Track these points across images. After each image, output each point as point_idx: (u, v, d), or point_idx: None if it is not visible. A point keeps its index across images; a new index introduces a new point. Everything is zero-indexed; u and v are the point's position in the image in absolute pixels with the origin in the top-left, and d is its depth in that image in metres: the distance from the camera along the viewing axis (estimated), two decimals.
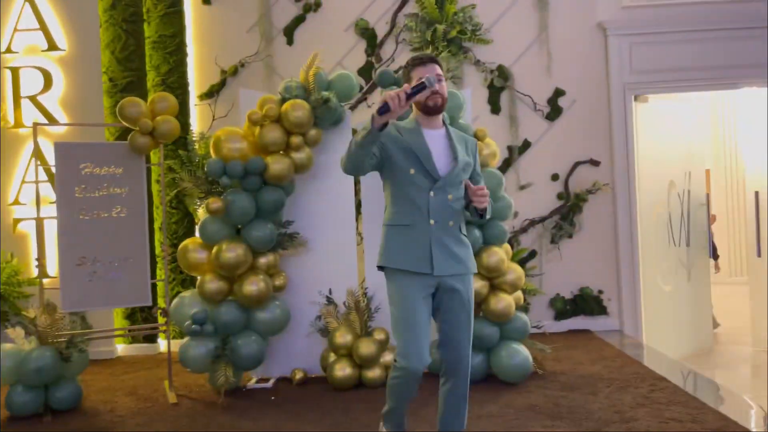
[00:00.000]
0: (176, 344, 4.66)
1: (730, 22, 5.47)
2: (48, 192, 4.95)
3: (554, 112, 5.57)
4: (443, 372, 2.65)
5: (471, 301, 2.62)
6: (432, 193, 2.54)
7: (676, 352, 5.37)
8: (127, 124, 4.06)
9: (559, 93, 5.57)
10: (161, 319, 4.77)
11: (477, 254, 4.01)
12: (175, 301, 4.17)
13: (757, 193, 5.67)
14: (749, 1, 5.47)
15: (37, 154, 4.23)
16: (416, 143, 2.56)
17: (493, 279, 4.03)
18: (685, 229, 5.78)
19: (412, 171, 2.53)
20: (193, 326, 3.88)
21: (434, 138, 2.60)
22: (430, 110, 2.57)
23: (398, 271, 2.56)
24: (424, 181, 2.54)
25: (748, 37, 5.48)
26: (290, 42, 5.63)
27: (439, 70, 2.60)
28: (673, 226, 5.74)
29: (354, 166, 2.49)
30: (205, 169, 3.96)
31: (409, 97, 2.33)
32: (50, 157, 4.93)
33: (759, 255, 5.67)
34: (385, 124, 2.35)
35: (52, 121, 5.08)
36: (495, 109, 5.59)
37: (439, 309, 2.61)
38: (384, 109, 2.31)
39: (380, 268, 2.64)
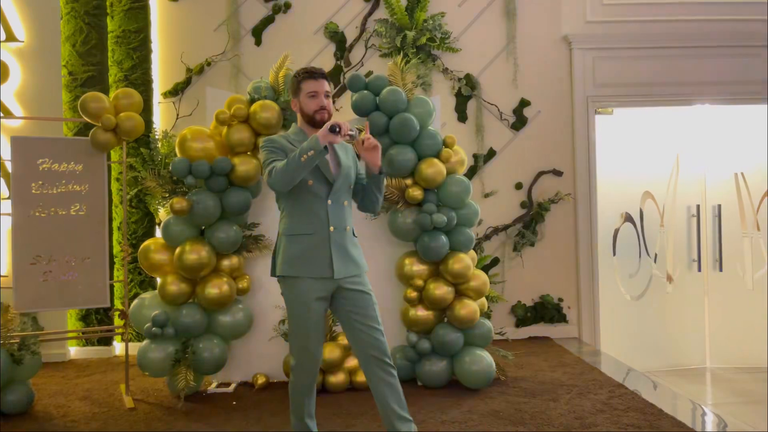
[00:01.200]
0: (133, 347, 4.55)
1: (689, 39, 5.67)
2: (3, 188, 4.76)
3: (519, 122, 5.67)
4: (368, 366, 2.73)
5: (373, 296, 2.79)
6: (329, 201, 2.72)
7: (646, 365, 5.45)
8: (88, 120, 3.94)
9: (524, 103, 5.67)
10: (119, 321, 4.64)
11: (443, 260, 4.04)
12: (134, 302, 4.06)
13: (698, 207, 5.92)
14: (708, 21, 5.69)
15: None
16: (331, 156, 2.75)
17: (459, 285, 4.06)
18: (663, 240, 5.90)
19: (310, 182, 2.68)
20: (153, 328, 3.79)
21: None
22: (317, 124, 2.72)
23: (298, 279, 2.68)
24: (322, 189, 2.71)
25: (709, 55, 5.69)
26: (258, 42, 5.58)
27: (327, 86, 2.77)
28: (646, 238, 5.88)
29: (288, 184, 2.61)
30: (170, 168, 3.87)
31: (343, 136, 2.56)
32: (5, 152, 4.75)
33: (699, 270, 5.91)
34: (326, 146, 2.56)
35: (8, 114, 4.90)
36: (462, 117, 5.65)
37: (343, 311, 2.75)
38: (336, 129, 2.52)
39: (279, 276, 2.74)
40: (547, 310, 5.61)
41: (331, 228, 2.70)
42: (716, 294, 5.93)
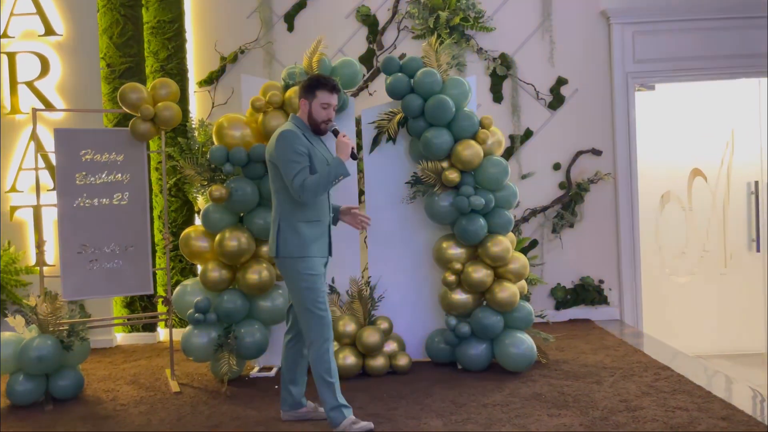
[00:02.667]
0: (176, 333, 4.64)
1: (735, 10, 5.44)
2: (46, 179, 4.89)
3: (556, 101, 5.55)
4: (297, 336, 3.21)
5: None
6: (328, 193, 3.15)
7: (695, 349, 5.32)
8: (128, 110, 4.00)
9: (561, 82, 5.54)
10: (162, 308, 4.73)
11: (482, 243, 4.00)
12: (177, 289, 4.14)
13: (756, 183, 5.67)
14: None
15: (36, 140, 4.17)
16: (326, 152, 3.16)
17: (498, 268, 4.02)
18: (716, 219, 5.70)
19: None
20: (196, 315, 3.85)
21: (327, 143, 3.27)
22: (319, 132, 3.14)
23: (314, 258, 3.06)
24: None
25: (751, 27, 5.45)
26: (291, 28, 5.57)
27: (336, 100, 3.13)
28: (695, 216, 5.68)
29: (317, 198, 3.04)
30: (208, 156, 3.91)
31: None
32: (48, 144, 4.87)
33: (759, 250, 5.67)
34: None
35: (50, 107, 5.01)
36: (497, 97, 5.55)
37: None
38: (355, 155, 3.11)
39: (294, 257, 3.04)
40: (587, 292, 5.52)
41: (330, 215, 3.19)
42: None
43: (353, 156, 3.05)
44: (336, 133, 3.10)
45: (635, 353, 4.34)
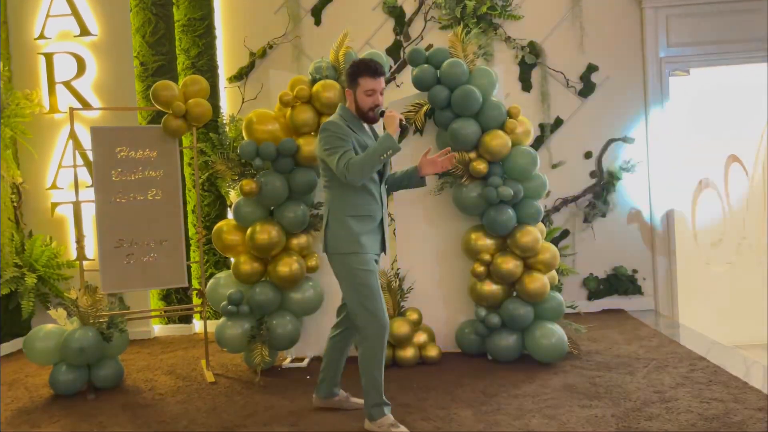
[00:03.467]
0: (211, 325, 4.75)
1: None
2: (84, 176, 5.04)
3: (587, 88, 5.46)
4: (348, 330, 3.20)
5: None
6: (382, 185, 3.01)
7: (733, 339, 5.21)
8: (160, 108, 4.09)
9: (591, 69, 5.45)
10: (197, 300, 4.85)
11: (511, 233, 3.98)
12: (210, 282, 4.23)
13: None
14: None
15: (74, 138, 4.30)
16: (372, 141, 2.99)
17: (528, 258, 4.00)
18: (754, 206, 5.54)
19: None
20: (229, 306, 3.93)
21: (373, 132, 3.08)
22: (369, 121, 2.99)
23: (367, 254, 2.94)
24: (377, 173, 2.98)
25: None
26: (318, 22, 5.60)
27: (383, 84, 2.94)
28: (732, 204, 5.55)
29: (365, 178, 2.87)
30: (238, 151, 3.97)
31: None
32: (85, 142, 5.02)
33: None
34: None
35: (86, 106, 5.15)
36: (526, 86, 5.50)
37: None
38: (405, 125, 2.86)
39: (345, 253, 2.94)
40: (620, 282, 5.44)
41: (383, 209, 3.01)
42: None
43: (403, 127, 2.83)
44: (383, 114, 2.92)
45: (670, 344, 4.27)
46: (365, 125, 3.03)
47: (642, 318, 5.12)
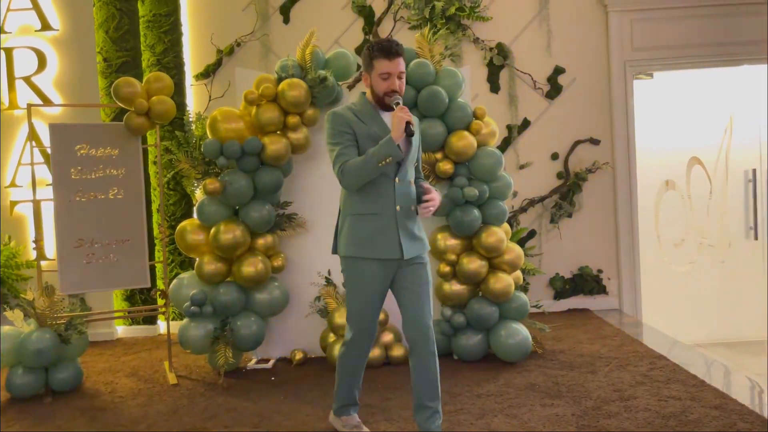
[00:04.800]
0: (176, 326, 4.68)
1: None
2: (44, 174, 4.92)
3: (554, 90, 5.52)
4: (411, 349, 2.69)
5: (430, 275, 2.75)
6: (397, 180, 2.63)
7: (695, 338, 5.35)
8: (122, 105, 4.02)
9: (558, 71, 5.51)
10: (160, 301, 4.77)
11: (476, 234, 4.00)
12: (173, 282, 4.17)
13: (754, 171, 5.64)
14: None
15: (33, 135, 4.19)
16: (383, 131, 2.63)
17: (493, 259, 4.02)
18: (715, 207, 5.68)
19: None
20: (192, 307, 3.88)
21: (390, 120, 2.63)
22: (386, 108, 2.66)
23: (364, 260, 2.63)
24: (390, 168, 2.60)
25: (751, 13, 5.40)
26: (286, 20, 5.56)
27: (402, 65, 2.62)
28: (693, 205, 5.67)
29: (361, 185, 2.60)
30: (202, 149, 3.92)
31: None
32: (46, 139, 4.90)
33: (756, 237, 5.64)
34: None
35: (47, 102, 5.03)
36: (494, 87, 5.53)
37: (401, 286, 2.69)
38: (412, 130, 2.52)
39: (343, 256, 2.70)
40: (586, 282, 5.52)
41: (398, 207, 2.62)
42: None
43: (408, 132, 2.51)
44: (396, 106, 2.60)
45: (632, 343, 4.34)
46: (383, 114, 2.68)
47: (606, 317, 5.20)
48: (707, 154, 5.70)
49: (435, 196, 2.67)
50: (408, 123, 2.50)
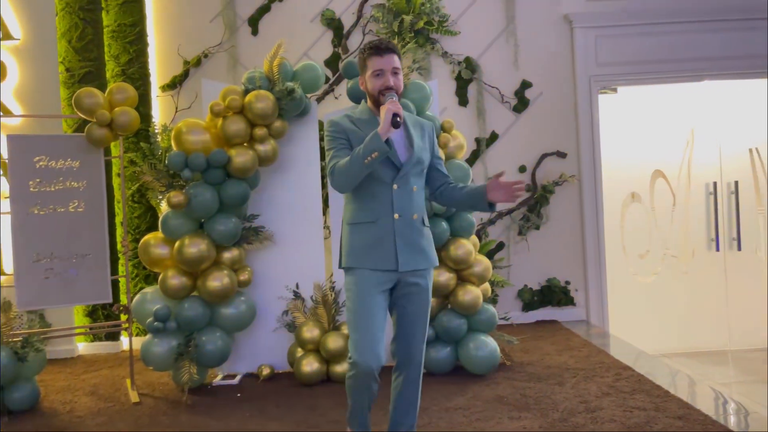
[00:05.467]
0: (139, 342, 4.56)
1: (692, 15, 5.55)
2: (3, 186, 4.77)
3: (521, 104, 5.59)
4: (396, 366, 2.61)
5: (430, 294, 2.60)
6: (395, 186, 2.47)
7: (660, 348, 5.42)
8: (83, 116, 3.93)
9: (525, 85, 5.58)
10: (123, 317, 4.65)
11: (444, 246, 4.00)
12: (136, 297, 4.07)
13: (715, 184, 5.78)
14: None
15: None
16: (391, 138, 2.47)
17: (461, 271, 4.03)
18: (678, 219, 5.80)
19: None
20: (156, 323, 3.79)
21: None
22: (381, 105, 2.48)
23: (361, 270, 2.48)
24: (387, 173, 2.47)
25: (711, 30, 5.57)
26: (255, 32, 5.53)
27: (396, 62, 2.50)
28: (657, 217, 5.78)
29: (351, 185, 2.46)
30: (166, 161, 3.85)
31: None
32: (5, 151, 4.76)
33: (718, 249, 5.78)
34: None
35: (7, 112, 4.90)
36: (462, 101, 5.58)
37: (397, 303, 2.56)
38: (399, 122, 2.36)
39: (343, 268, 2.57)
40: (554, 294, 5.56)
41: (396, 215, 2.46)
42: (735, 274, 5.80)
43: (395, 124, 2.35)
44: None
45: (599, 354, 4.38)
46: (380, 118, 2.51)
47: (574, 328, 5.24)
48: (670, 168, 5.82)
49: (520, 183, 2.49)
50: (395, 115, 2.34)
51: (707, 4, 5.56)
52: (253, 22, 5.52)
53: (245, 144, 3.97)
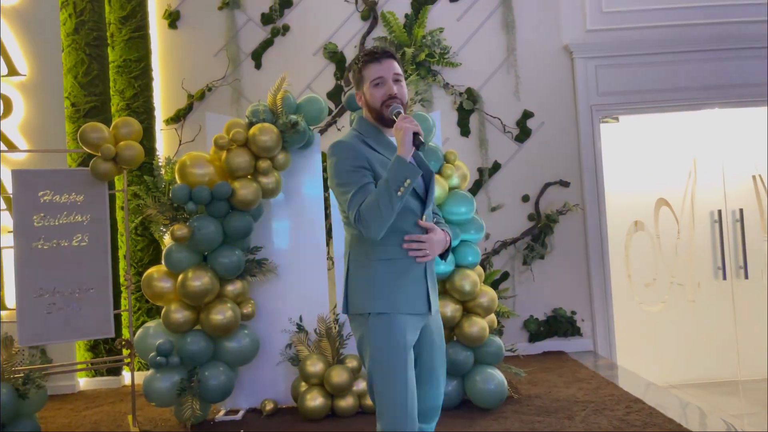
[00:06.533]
0: (141, 377, 4.51)
1: (693, 44, 5.60)
2: (7, 221, 4.78)
3: (523, 133, 5.61)
4: (419, 415, 2.20)
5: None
6: (424, 217, 2.16)
7: (668, 378, 5.33)
8: (88, 150, 3.95)
9: (527, 115, 5.61)
10: (125, 351, 4.60)
11: (449, 277, 3.97)
12: (139, 331, 4.03)
13: (720, 212, 5.76)
14: (710, 24, 5.62)
15: None
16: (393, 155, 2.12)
17: (467, 302, 3.99)
18: (683, 247, 5.77)
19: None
20: (158, 358, 3.74)
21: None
22: (389, 123, 2.17)
23: (394, 316, 2.08)
24: (414, 203, 2.13)
25: (711, 59, 5.61)
26: (258, 66, 5.59)
27: (397, 67, 2.19)
28: (662, 246, 5.76)
29: (388, 224, 2.05)
30: (170, 194, 3.85)
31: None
32: (9, 185, 4.78)
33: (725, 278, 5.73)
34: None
35: (12, 148, 4.93)
36: (464, 131, 5.60)
37: (419, 353, 2.20)
38: (420, 141, 2.05)
39: (364, 314, 2.13)
40: (560, 324, 5.50)
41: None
42: (743, 302, 5.73)
43: (417, 143, 2.04)
44: (398, 116, 2.13)
45: (608, 386, 4.31)
46: (389, 135, 2.21)
47: (581, 359, 5.17)
48: (674, 195, 5.80)
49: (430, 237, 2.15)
50: (415, 134, 2.03)
51: (706, 33, 5.62)
52: (257, 56, 5.59)
53: (249, 176, 3.98)
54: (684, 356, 5.68)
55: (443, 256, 2.23)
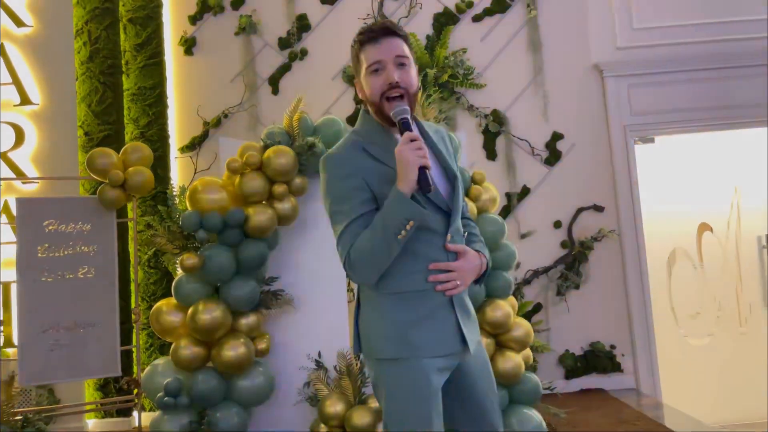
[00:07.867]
0: (150, 418, 4.23)
1: (730, 60, 5.31)
2: (7, 253, 4.61)
3: (553, 156, 5.33)
4: None
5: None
6: (449, 237, 1.77)
7: (719, 418, 4.92)
8: (96, 177, 3.77)
9: (557, 137, 5.34)
10: (135, 391, 4.35)
11: (480, 309, 3.66)
12: (147, 370, 3.76)
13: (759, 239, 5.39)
14: (749, 39, 5.33)
15: (6, 212, 3.92)
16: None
17: (499, 336, 3.66)
18: (730, 275, 5.38)
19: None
20: (166, 398, 3.46)
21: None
22: (391, 119, 1.81)
23: (415, 360, 1.74)
24: (436, 219, 1.75)
25: (748, 76, 5.31)
26: (275, 91, 5.43)
27: (400, 47, 1.78)
28: (706, 273, 5.38)
29: (383, 270, 1.74)
30: (180, 222, 3.63)
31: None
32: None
33: None
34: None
35: (20, 176, 4.79)
36: (491, 155, 5.34)
37: (461, 386, 1.87)
38: (429, 185, 1.66)
39: (379, 360, 1.80)
40: (599, 359, 5.11)
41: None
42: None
43: (424, 186, 1.66)
44: (403, 126, 1.73)
45: (656, 427, 3.91)
46: (397, 135, 1.81)
47: (623, 398, 4.77)
48: (716, 220, 5.45)
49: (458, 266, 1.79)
50: (422, 168, 1.63)
51: (740, 48, 5.33)
52: (274, 82, 5.44)
53: (264, 202, 3.74)
54: (735, 393, 5.25)
55: (478, 280, 1.90)
